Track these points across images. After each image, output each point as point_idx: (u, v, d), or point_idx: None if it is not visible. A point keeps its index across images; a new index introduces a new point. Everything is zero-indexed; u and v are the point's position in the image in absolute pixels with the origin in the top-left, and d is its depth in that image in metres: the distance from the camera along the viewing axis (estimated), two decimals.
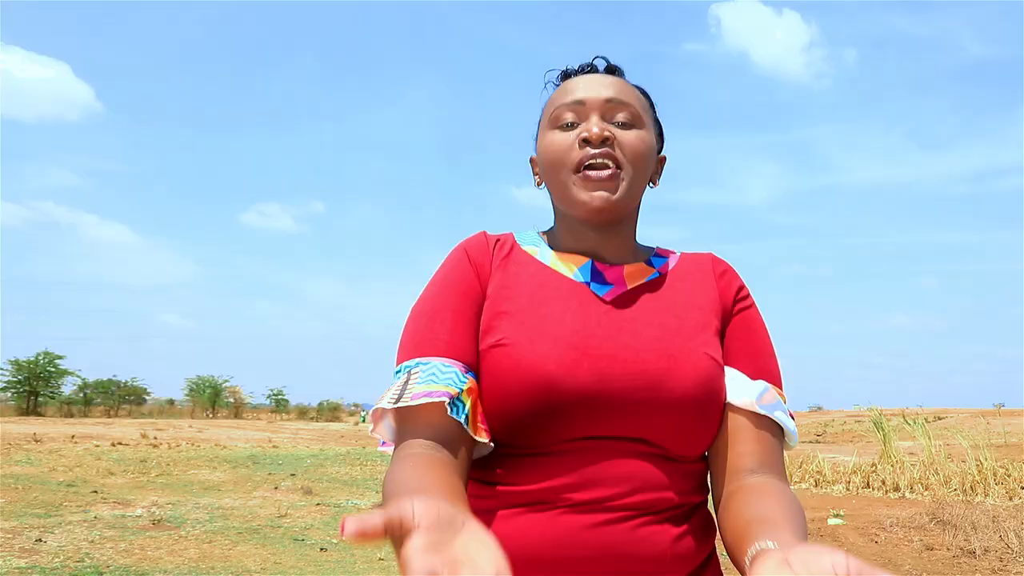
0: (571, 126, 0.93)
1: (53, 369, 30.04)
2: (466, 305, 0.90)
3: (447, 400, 0.80)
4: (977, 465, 11.94)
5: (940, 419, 44.39)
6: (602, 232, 0.95)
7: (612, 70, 1.00)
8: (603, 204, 0.89)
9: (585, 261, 0.95)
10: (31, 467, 9.93)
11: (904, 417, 17.23)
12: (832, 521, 8.01)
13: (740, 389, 0.89)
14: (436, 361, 0.85)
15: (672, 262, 0.99)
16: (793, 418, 0.92)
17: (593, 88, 0.94)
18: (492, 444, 0.86)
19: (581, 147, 0.90)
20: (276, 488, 9.44)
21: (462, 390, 0.83)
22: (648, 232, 1.04)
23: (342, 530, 0.50)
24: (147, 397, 38.27)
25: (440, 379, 0.83)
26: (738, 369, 0.91)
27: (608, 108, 0.93)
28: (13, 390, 29.36)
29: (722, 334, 0.93)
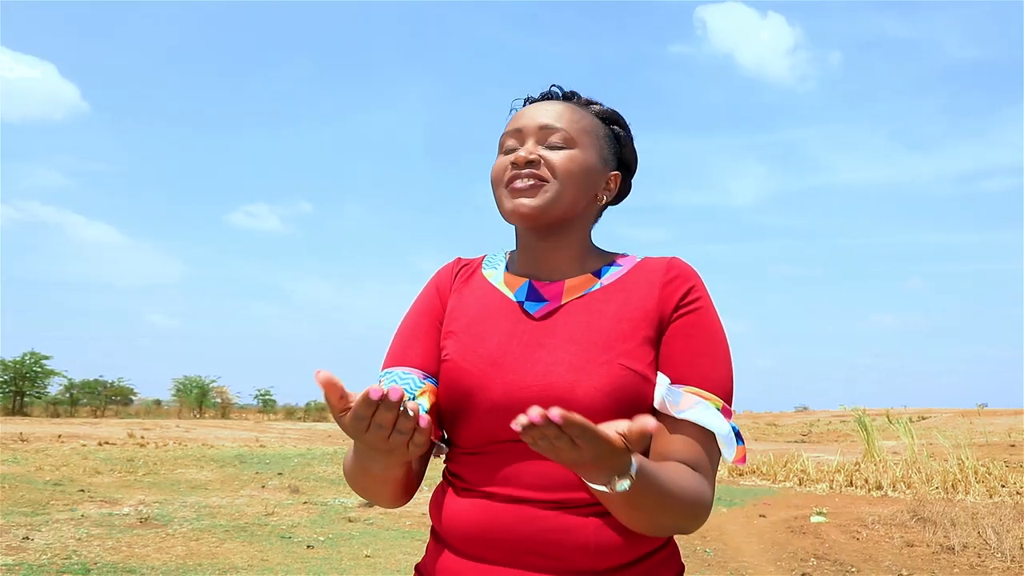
0: (511, 151, 1.05)
1: (39, 369, 29.84)
2: (428, 323, 1.08)
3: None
4: (959, 464, 12.10)
5: (924, 419, 44.74)
6: (544, 242, 1.05)
7: (561, 96, 1.10)
8: (527, 211, 1.00)
9: (523, 282, 1.06)
10: (17, 466, 9.90)
11: (888, 417, 17.42)
12: (815, 519, 8.12)
13: (659, 394, 0.95)
14: (398, 370, 1.03)
15: (624, 270, 1.06)
16: (733, 424, 0.96)
17: (531, 116, 1.05)
18: (443, 443, 1.02)
19: (512, 168, 1.03)
20: (263, 487, 9.46)
21: (415, 394, 0.98)
22: (637, 233, 1.14)
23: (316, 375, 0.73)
24: (133, 397, 37.95)
25: (399, 384, 0.99)
26: (665, 374, 0.96)
27: (542, 134, 1.03)
28: (0, 391, 29.19)
29: (658, 341, 0.98)
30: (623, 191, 1.15)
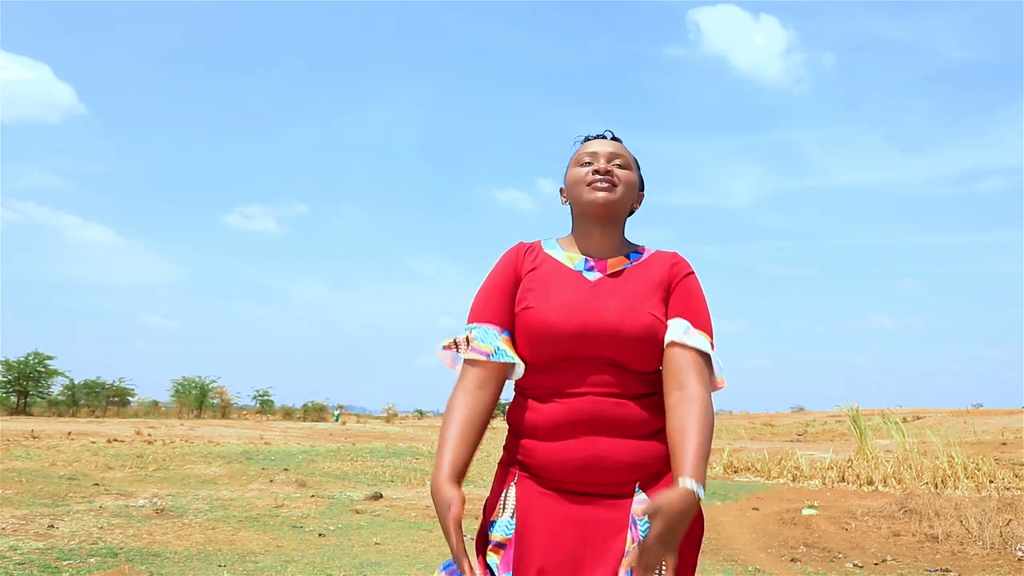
0: (588, 164, 1.56)
1: (43, 369, 30.12)
2: (503, 288, 1.54)
3: (489, 355, 1.46)
4: (949, 460, 12.38)
5: (919, 419, 45.08)
6: (600, 228, 1.56)
7: (615, 138, 1.64)
8: (603, 200, 1.52)
9: (581, 258, 1.56)
10: (31, 462, 10.15)
11: (883, 416, 17.67)
12: (806, 511, 8.39)
13: (673, 330, 1.46)
14: (482, 326, 1.51)
15: (645, 257, 1.58)
16: (716, 352, 1.48)
17: (601, 145, 1.59)
18: (523, 366, 1.48)
19: (593, 173, 1.54)
20: (271, 481, 9.71)
21: (498, 345, 1.48)
22: (638, 233, 1.64)
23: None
24: (131, 398, 38.06)
25: (486, 339, 1.49)
26: (675, 317, 1.49)
27: (610, 157, 1.57)
28: (3, 390, 29.42)
29: (667, 301, 1.51)
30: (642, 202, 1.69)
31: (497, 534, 1.42)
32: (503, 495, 1.46)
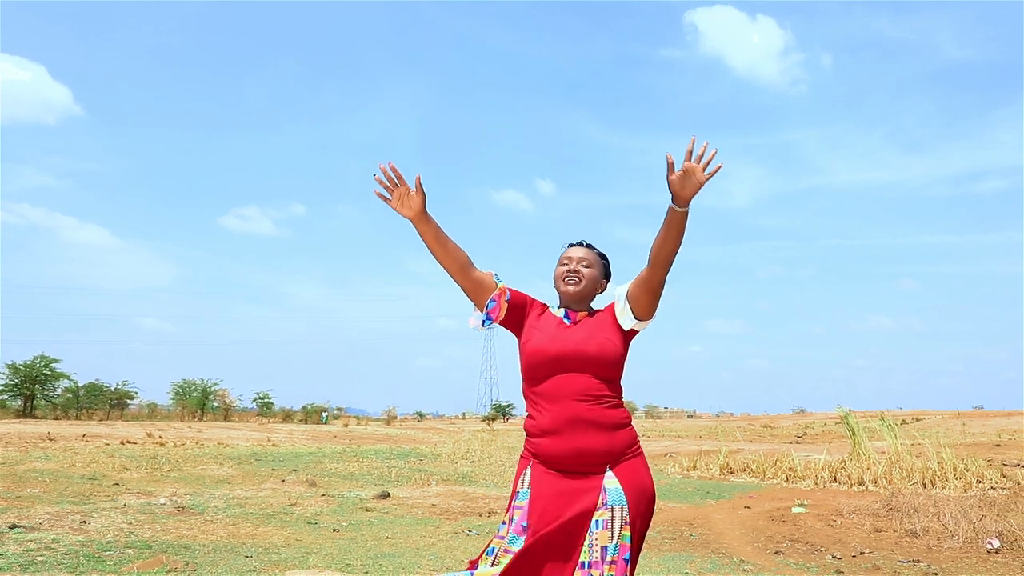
0: (565, 265, 2.36)
1: (49, 372, 30.55)
2: (524, 300, 2.37)
3: (494, 279, 2.36)
4: (939, 461, 12.75)
5: (919, 420, 45.43)
6: (575, 303, 2.35)
7: (588, 245, 2.43)
8: (573, 291, 2.33)
9: (563, 311, 2.35)
10: (51, 463, 10.55)
11: (883, 418, 18.03)
12: (796, 509, 8.76)
13: (623, 286, 2.29)
14: (502, 284, 2.38)
15: (599, 311, 2.35)
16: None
17: (575, 252, 2.39)
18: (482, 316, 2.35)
19: (567, 272, 2.35)
20: (283, 481, 10.10)
21: (496, 292, 2.34)
22: (634, 233, 2.27)
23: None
24: (130, 401, 38.22)
25: (498, 280, 2.37)
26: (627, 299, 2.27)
27: (579, 261, 2.36)
28: (10, 393, 29.83)
29: (618, 328, 2.27)
30: (607, 286, 2.44)
31: (520, 501, 2.16)
32: (523, 475, 2.20)
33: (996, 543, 6.08)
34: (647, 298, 2.21)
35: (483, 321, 2.34)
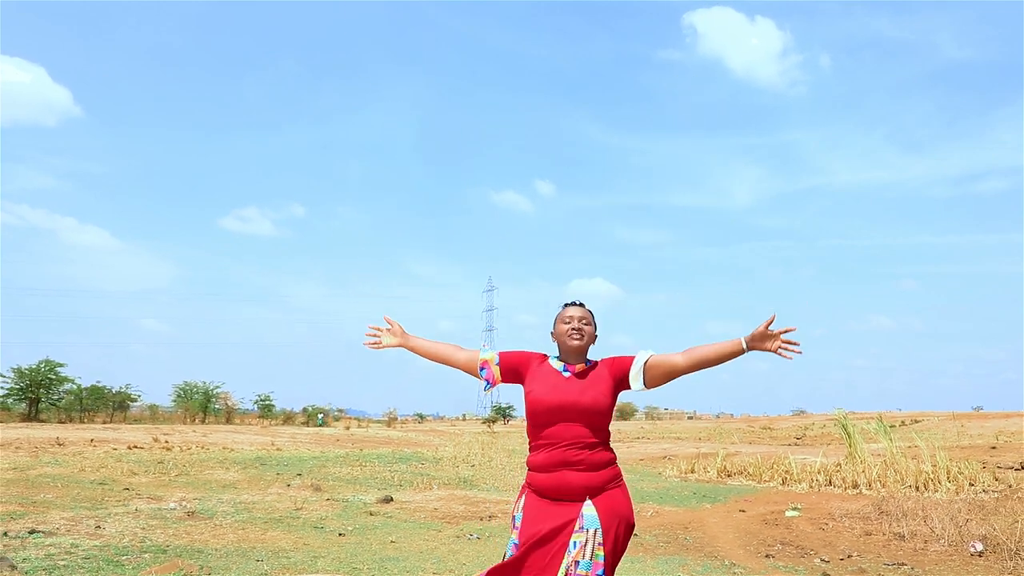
0: (568, 322, 2.68)
1: (54, 376, 30.79)
2: (523, 357, 2.74)
3: (488, 361, 2.77)
4: (933, 464, 12.95)
5: (917, 422, 45.62)
6: (574, 356, 2.67)
7: (582, 304, 2.77)
8: (576, 345, 2.65)
9: (561, 364, 2.67)
10: (61, 468, 10.77)
11: (882, 420, 18.22)
12: (789, 513, 8.98)
13: (641, 355, 2.64)
14: (494, 353, 2.79)
15: (596, 364, 2.67)
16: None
17: (575, 312, 2.72)
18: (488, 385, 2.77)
19: (571, 329, 2.67)
20: (288, 486, 10.33)
21: (492, 362, 2.75)
22: (634, 234, 2.42)
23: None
24: (131, 404, 38.29)
25: (488, 355, 2.79)
26: (635, 358, 2.64)
27: (580, 319, 2.69)
28: (14, 397, 30.06)
29: (616, 377, 2.64)
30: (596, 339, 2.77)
31: (516, 521, 2.54)
32: (520, 500, 2.59)
33: (979, 546, 6.30)
34: (663, 379, 2.59)
35: (484, 386, 2.76)
